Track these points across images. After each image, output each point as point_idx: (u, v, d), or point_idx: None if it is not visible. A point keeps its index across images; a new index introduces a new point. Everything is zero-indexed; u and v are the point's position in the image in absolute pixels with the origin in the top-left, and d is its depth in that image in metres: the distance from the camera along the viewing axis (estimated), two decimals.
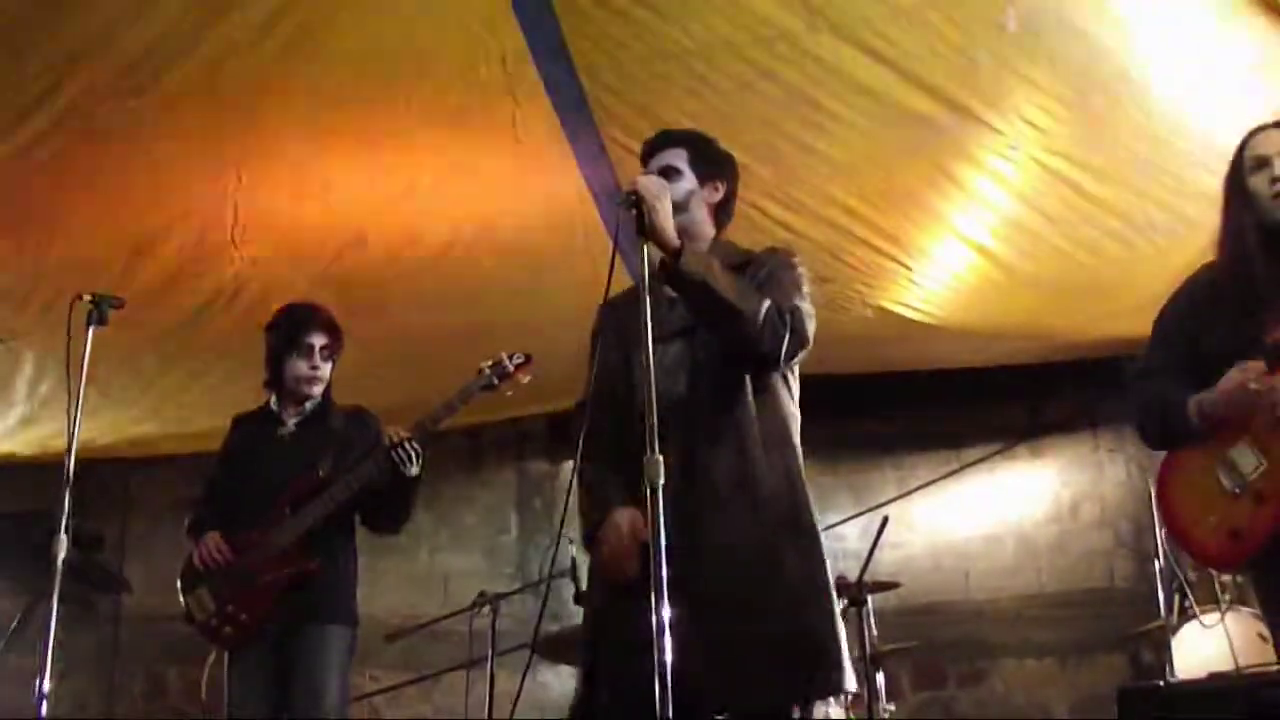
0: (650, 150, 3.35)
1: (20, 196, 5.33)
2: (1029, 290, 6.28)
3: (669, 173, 3.23)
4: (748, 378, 3.08)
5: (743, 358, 3.05)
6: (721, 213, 3.35)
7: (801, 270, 3.22)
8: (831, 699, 5.39)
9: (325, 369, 4.65)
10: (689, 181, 3.26)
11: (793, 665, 2.87)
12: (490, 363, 4.40)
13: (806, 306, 3.11)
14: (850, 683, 2.93)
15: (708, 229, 3.29)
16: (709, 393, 3.03)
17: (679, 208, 3.12)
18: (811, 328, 3.09)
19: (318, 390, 4.66)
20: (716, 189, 3.30)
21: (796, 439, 3.16)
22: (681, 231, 3.04)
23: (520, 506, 8.32)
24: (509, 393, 4.39)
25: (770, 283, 3.13)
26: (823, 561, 3.04)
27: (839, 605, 5.54)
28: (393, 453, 4.33)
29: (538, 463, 8.54)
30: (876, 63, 4.75)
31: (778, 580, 2.92)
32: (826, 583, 3.02)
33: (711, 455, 2.97)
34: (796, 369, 3.23)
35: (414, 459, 4.37)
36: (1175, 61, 4.69)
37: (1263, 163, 3.27)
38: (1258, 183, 3.27)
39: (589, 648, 3.06)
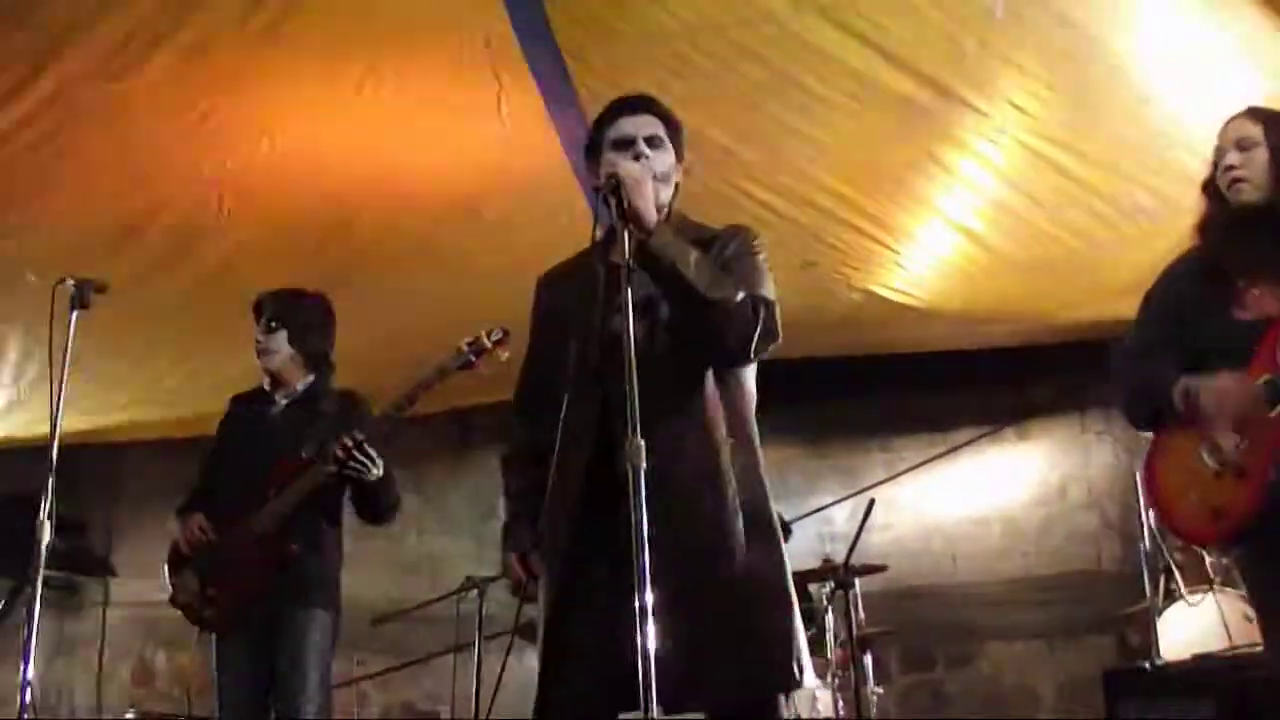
0: (626, 110, 3.18)
1: (2, 180, 5.31)
2: (1015, 273, 6.29)
3: (655, 141, 3.12)
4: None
5: (709, 348, 2.97)
6: (678, 189, 3.28)
7: (763, 254, 3.13)
8: (819, 681, 5.45)
9: (271, 340, 4.64)
10: (671, 154, 3.16)
11: (751, 664, 2.81)
12: (468, 340, 4.38)
13: (772, 296, 3.02)
14: (810, 682, 2.89)
15: (670, 201, 3.18)
16: (669, 376, 2.89)
17: (664, 179, 3.08)
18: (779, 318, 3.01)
19: (274, 363, 4.65)
20: (680, 168, 3.24)
21: (754, 419, 3.07)
22: (661, 208, 2.99)
23: None
24: (486, 370, 4.35)
25: (734, 268, 3.03)
26: (784, 556, 2.97)
27: (828, 587, 5.68)
28: (347, 467, 4.33)
29: None
30: (863, 46, 4.74)
31: (742, 577, 2.85)
32: (788, 579, 2.94)
33: (675, 445, 2.83)
34: None
35: (370, 464, 4.36)
36: (1161, 46, 4.69)
37: (1221, 154, 3.37)
38: (1219, 172, 3.37)
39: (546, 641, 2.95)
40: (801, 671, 2.86)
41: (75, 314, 3.78)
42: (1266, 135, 3.32)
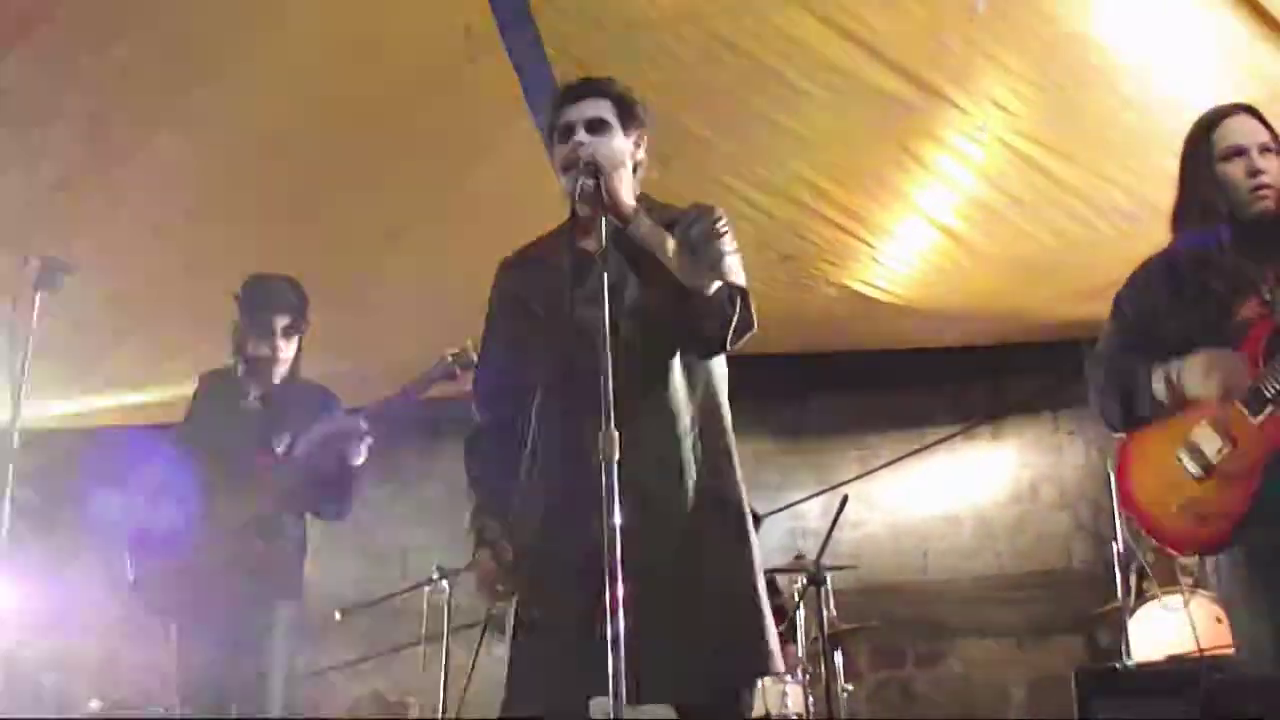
0: (572, 97, 3.11)
1: None
2: (992, 271, 6.29)
3: (597, 125, 3.04)
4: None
5: (686, 338, 2.94)
6: (640, 168, 3.18)
7: (729, 235, 3.09)
8: (789, 677, 5.44)
9: (288, 348, 4.56)
10: (619, 137, 3.08)
11: (717, 650, 2.79)
12: (453, 351, 4.35)
13: (744, 283, 2.99)
14: (777, 665, 2.86)
15: (632, 185, 3.10)
16: (633, 361, 2.81)
17: (612, 164, 2.99)
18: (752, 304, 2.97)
19: (280, 371, 4.58)
20: (639, 144, 3.15)
21: (725, 407, 3.04)
22: None
23: None
24: (469, 383, 4.33)
25: (702, 252, 3.00)
26: (750, 542, 2.95)
27: (800, 583, 5.66)
28: (339, 444, 4.30)
29: None
30: (845, 40, 4.73)
31: (704, 563, 2.84)
32: (754, 566, 2.93)
33: (637, 430, 2.73)
34: None
35: (364, 450, 4.35)
36: (1145, 48, 4.69)
37: (1239, 151, 3.19)
38: (1233, 172, 3.19)
39: (516, 631, 2.93)
40: (769, 658, 2.84)
41: (41, 294, 3.71)
42: (1275, 141, 3.21)
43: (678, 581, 2.79)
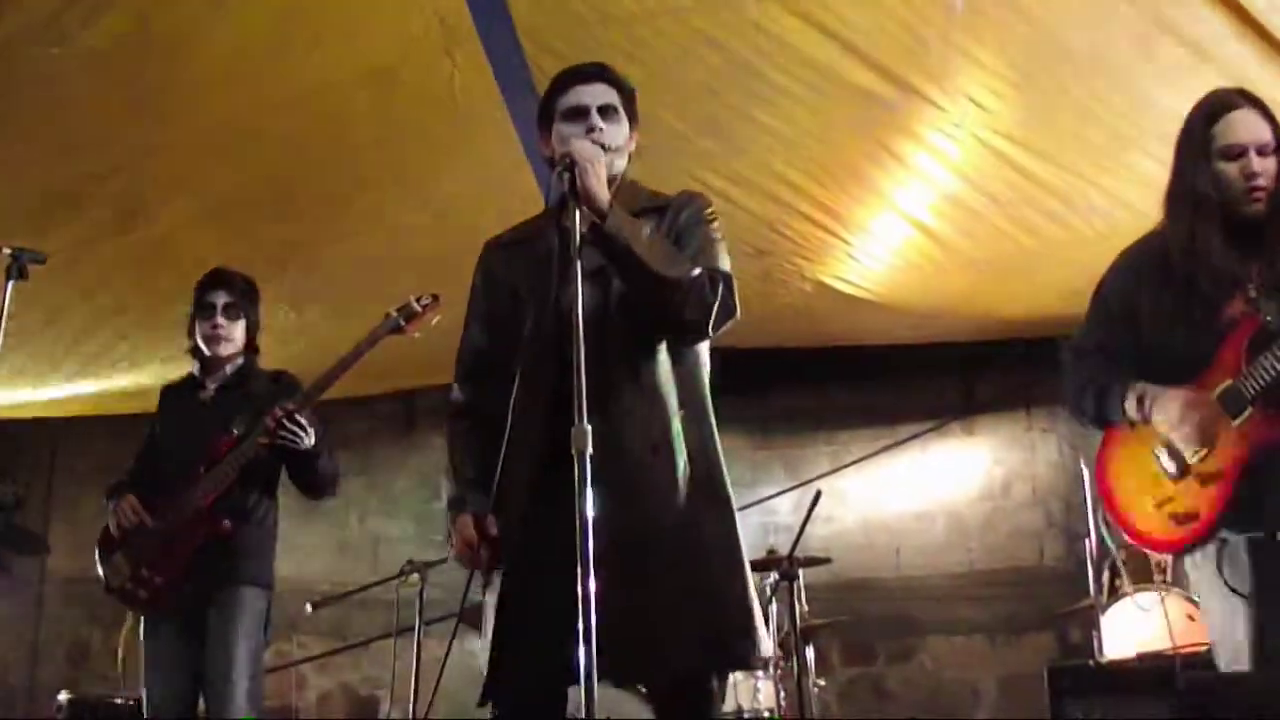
0: (580, 79, 3.12)
1: None
2: (967, 269, 6.29)
3: (608, 111, 3.07)
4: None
5: (666, 326, 2.94)
6: (631, 160, 3.20)
7: (717, 222, 3.10)
8: (760, 672, 5.43)
9: (231, 328, 4.57)
10: (625, 125, 3.11)
11: (710, 634, 2.79)
12: (397, 305, 4.34)
13: (728, 269, 3.00)
14: (766, 650, 2.87)
15: (624, 173, 3.15)
16: (621, 346, 2.89)
17: (618, 151, 3.04)
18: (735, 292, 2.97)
19: (224, 350, 4.57)
20: (634, 136, 3.18)
21: (709, 396, 3.04)
22: (614, 178, 2.96)
23: None
24: (417, 334, 4.32)
25: (688, 238, 3.01)
26: (737, 528, 2.96)
27: (772, 578, 5.66)
28: (278, 437, 4.27)
29: None
30: (823, 36, 4.72)
31: (697, 548, 2.84)
32: (742, 550, 2.94)
33: (626, 416, 2.84)
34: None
35: (303, 432, 4.31)
36: (1121, 47, 4.69)
37: (1238, 152, 3.13)
38: (1230, 171, 3.14)
39: (499, 616, 2.90)
40: (760, 640, 2.85)
41: (11, 284, 3.70)
42: (1276, 138, 3.14)
43: (667, 561, 2.79)
